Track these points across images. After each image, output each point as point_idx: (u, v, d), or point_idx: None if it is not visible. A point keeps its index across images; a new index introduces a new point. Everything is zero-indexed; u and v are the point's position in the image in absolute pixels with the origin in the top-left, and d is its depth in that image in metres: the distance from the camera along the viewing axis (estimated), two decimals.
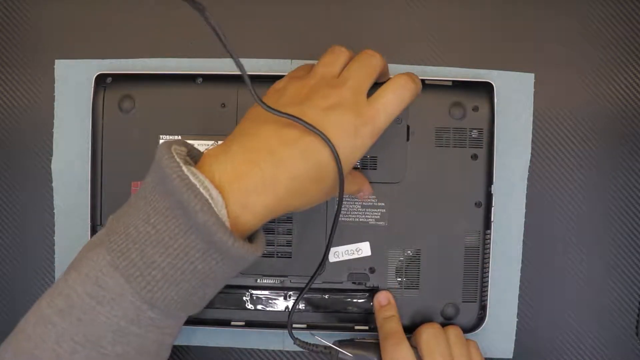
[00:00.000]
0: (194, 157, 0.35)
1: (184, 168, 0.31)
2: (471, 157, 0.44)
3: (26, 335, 0.32)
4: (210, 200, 0.30)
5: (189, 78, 0.44)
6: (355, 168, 0.44)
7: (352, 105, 0.35)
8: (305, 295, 0.45)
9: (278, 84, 0.39)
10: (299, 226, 0.44)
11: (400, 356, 0.40)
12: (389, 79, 0.38)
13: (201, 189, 0.30)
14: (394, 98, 0.36)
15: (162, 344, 0.34)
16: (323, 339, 0.42)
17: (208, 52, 0.47)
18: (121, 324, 0.32)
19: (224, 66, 0.47)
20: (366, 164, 0.44)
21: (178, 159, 0.31)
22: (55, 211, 0.48)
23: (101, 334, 0.32)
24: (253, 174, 0.33)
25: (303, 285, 0.44)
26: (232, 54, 0.32)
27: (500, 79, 0.46)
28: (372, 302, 0.44)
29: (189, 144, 0.35)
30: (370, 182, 0.44)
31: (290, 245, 0.44)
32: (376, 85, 0.37)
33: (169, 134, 0.44)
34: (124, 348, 0.32)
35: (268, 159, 0.33)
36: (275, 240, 0.44)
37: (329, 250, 0.39)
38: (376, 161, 0.44)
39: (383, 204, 0.44)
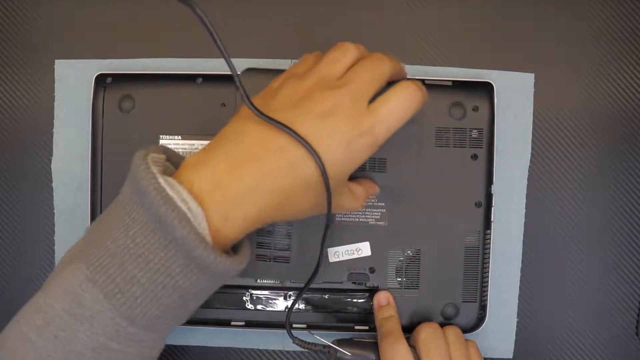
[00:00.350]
0: (175, 162, 0.34)
1: (161, 180, 0.30)
2: (471, 157, 0.44)
3: (6, 352, 0.31)
4: (188, 214, 0.29)
5: (189, 78, 0.44)
6: (361, 169, 0.44)
7: (349, 113, 0.32)
8: (305, 295, 0.45)
9: (274, 83, 0.36)
10: (298, 229, 0.43)
11: (398, 355, 0.39)
12: (395, 84, 0.34)
13: (179, 202, 0.29)
14: (397, 108, 0.33)
15: (143, 356, 0.33)
16: (323, 339, 0.42)
17: (208, 52, 0.47)
18: (100, 340, 0.31)
19: (224, 66, 0.47)
20: (366, 164, 0.44)
21: (155, 169, 0.30)
22: (55, 211, 0.48)
23: (80, 351, 0.31)
24: (235, 185, 0.31)
25: (303, 286, 0.44)
26: (222, 50, 0.31)
27: (500, 79, 0.46)
28: (372, 302, 0.44)
29: (169, 149, 0.34)
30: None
31: (289, 250, 0.43)
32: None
33: (169, 134, 0.44)
34: None
35: (251, 169, 0.31)
36: (273, 244, 0.44)
37: (322, 258, 0.38)
38: (376, 161, 0.44)
39: (383, 204, 0.44)
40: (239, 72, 0.34)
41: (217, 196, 0.31)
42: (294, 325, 0.44)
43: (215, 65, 0.47)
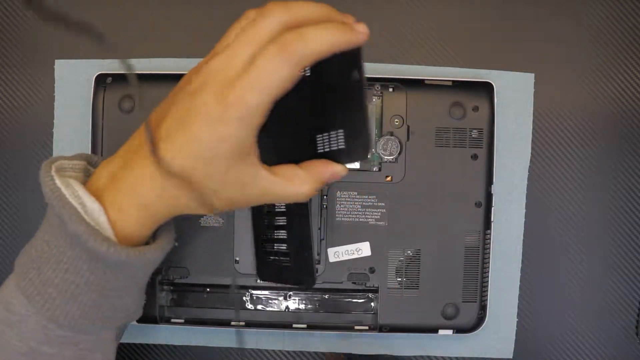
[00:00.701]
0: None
1: (57, 180, 0.31)
2: (471, 157, 0.44)
3: None
4: (79, 208, 0.30)
5: None
6: (362, 170, 0.44)
7: (216, 84, 0.29)
8: (305, 295, 0.45)
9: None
10: (293, 233, 0.43)
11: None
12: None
13: (70, 198, 0.30)
14: (265, 67, 0.28)
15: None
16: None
17: (208, 52, 0.47)
18: (32, 345, 0.31)
19: None
20: (366, 165, 0.44)
21: (54, 172, 0.31)
22: None
23: (14, 358, 0.31)
24: (126, 177, 0.31)
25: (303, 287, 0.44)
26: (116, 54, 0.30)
27: (500, 79, 0.46)
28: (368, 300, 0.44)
29: (94, 156, 0.35)
30: (370, 182, 0.44)
31: (289, 257, 0.43)
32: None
33: None
34: None
35: (139, 159, 0.31)
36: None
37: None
38: (376, 161, 0.44)
39: (383, 204, 0.44)
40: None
41: (111, 189, 0.32)
42: (294, 326, 0.44)
43: None
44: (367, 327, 0.44)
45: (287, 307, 0.45)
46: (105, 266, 0.31)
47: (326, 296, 0.45)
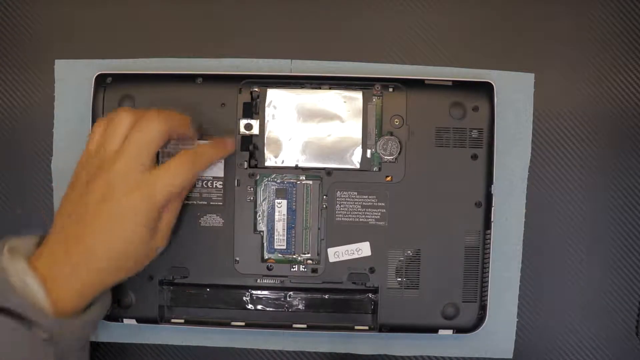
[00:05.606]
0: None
1: (3, 258, 0.36)
2: (471, 157, 0.44)
3: None
4: (18, 283, 0.35)
5: (189, 78, 0.44)
6: (362, 170, 0.44)
7: (127, 182, 0.37)
8: (305, 296, 0.45)
9: (78, 169, 0.41)
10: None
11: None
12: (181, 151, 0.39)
13: (12, 274, 0.35)
14: (173, 176, 0.38)
15: None
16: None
17: (208, 52, 0.47)
18: None
19: (224, 66, 0.47)
20: (366, 165, 0.44)
21: (5, 251, 0.36)
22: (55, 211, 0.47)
23: None
24: (59, 266, 0.37)
25: (303, 286, 0.44)
26: None
27: (500, 79, 0.46)
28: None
29: (44, 235, 0.39)
30: (370, 182, 0.44)
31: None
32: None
33: None
34: None
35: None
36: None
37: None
38: (376, 161, 0.44)
39: (383, 204, 0.44)
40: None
41: (49, 272, 0.37)
42: (294, 326, 0.44)
43: (215, 65, 0.47)
44: (367, 327, 0.44)
45: (287, 307, 0.45)
46: (43, 332, 0.36)
47: (326, 296, 0.45)
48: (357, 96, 0.44)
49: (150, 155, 0.38)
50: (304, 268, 0.44)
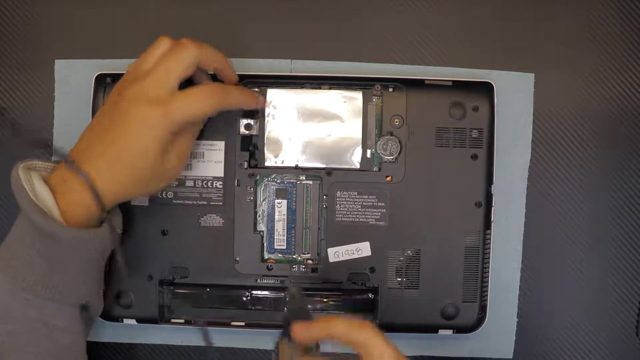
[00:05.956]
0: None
1: (20, 172, 0.37)
2: (471, 157, 0.44)
3: None
4: (28, 190, 0.37)
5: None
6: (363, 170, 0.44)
7: (150, 96, 0.38)
8: (305, 295, 0.44)
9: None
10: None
11: None
12: (204, 83, 0.41)
13: (24, 183, 0.37)
14: (194, 101, 0.39)
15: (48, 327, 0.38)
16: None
17: None
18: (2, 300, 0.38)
19: None
20: (366, 165, 0.44)
21: (21, 167, 0.38)
22: None
23: None
24: (71, 181, 0.38)
25: (303, 286, 0.44)
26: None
27: (500, 79, 0.46)
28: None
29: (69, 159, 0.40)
30: (370, 182, 0.44)
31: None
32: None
33: None
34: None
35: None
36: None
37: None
38: (376, 161, 0.44)
39: (383, 204, 0.44)
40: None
41: (60, 185, 0.39)
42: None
43: None
44: None
45: (287, 307, 0.45)
46: (52, 241, 0.37)
47: (326, 296, 0.45)
48: (357, 96, 0.44)
49: (178, 76, 0.39)
50: (304, 268, 0.44)
